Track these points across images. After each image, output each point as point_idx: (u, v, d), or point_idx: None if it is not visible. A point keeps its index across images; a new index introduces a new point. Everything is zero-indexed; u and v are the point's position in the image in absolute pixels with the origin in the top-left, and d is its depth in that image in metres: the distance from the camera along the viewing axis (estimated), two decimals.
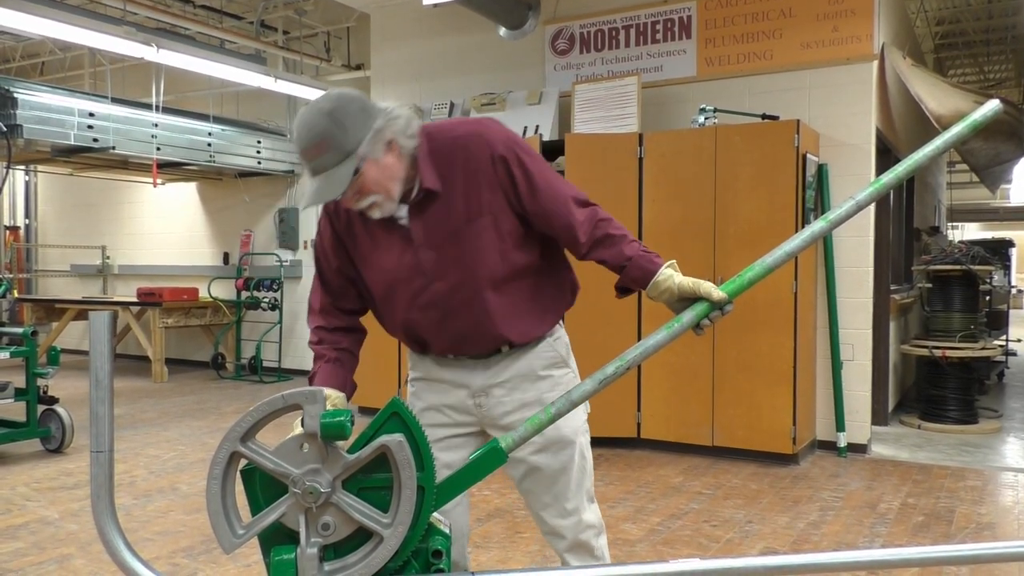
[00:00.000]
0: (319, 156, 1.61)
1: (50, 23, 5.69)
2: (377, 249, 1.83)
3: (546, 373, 1.93)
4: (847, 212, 1.71)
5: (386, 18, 7.03)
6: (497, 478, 4.38)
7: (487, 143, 1.75)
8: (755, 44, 5.42)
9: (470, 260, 1.78)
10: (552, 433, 1.86)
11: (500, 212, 1.78)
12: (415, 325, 1.88)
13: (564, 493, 1.93)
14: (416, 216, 1.78)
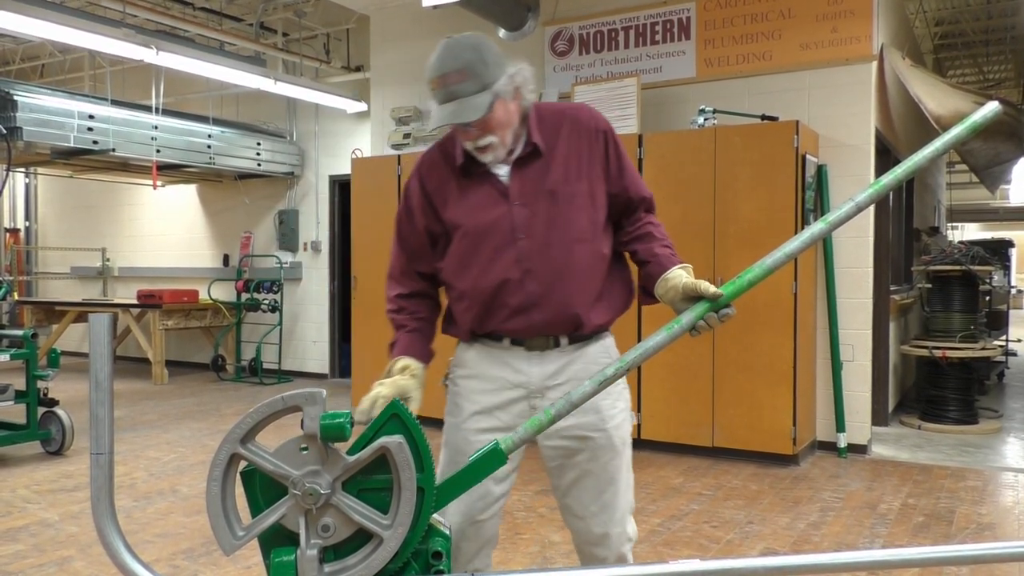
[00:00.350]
0: (459, 82, 1.70)
1: (50, 26, 5.69)
2: (469, 204, 1.86)
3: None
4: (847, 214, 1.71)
5: (386, 20, 7.03)
6: None
7: (593, 117, 1.89)
8: (754, 45, 5.42)
9: (562, 221, 1.83)
10: (604, 441, 1.90)
11: (596, 180, 1.87)
12: (491, 284, 1.85)
13: (613, 502, 1.92)
14: (516, 173, 1.85)
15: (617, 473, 1.92)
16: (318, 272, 8.72)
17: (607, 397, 1.89)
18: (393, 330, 1.96)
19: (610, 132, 1.91)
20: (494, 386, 1.91)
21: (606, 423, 1.90)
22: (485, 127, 1.76)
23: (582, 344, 1.91)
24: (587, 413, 1.87)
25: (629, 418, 1.98)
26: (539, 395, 1.89)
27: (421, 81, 6.91)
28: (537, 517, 3.92)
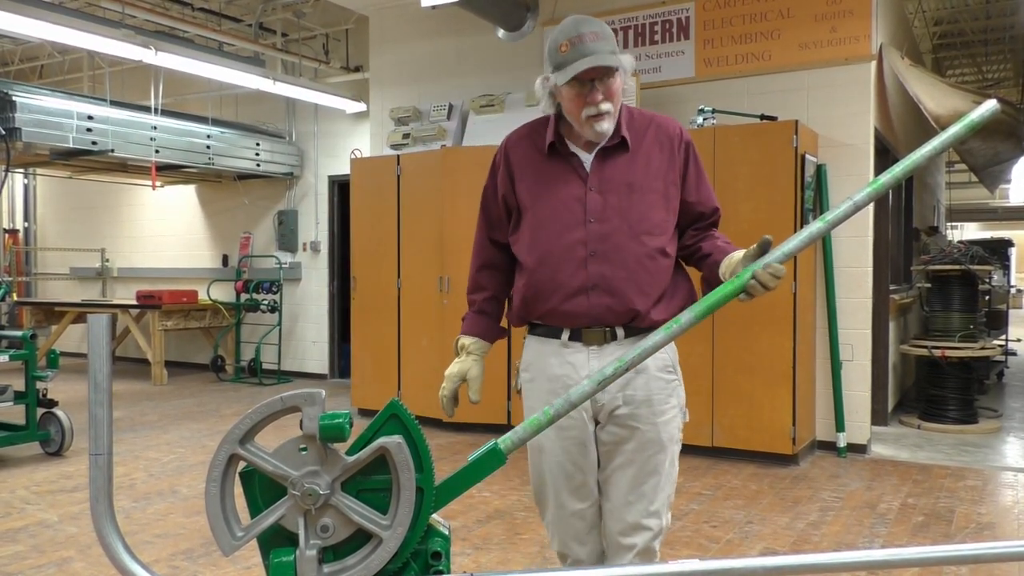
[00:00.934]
0: (597, 41, 1.83)
1: (49, 26, 5.69)
2: (547, 183, 1.97)
3: (659, 375, 1.98)
4: (845, 213, 1.71)
5: (385, 20, 7.03)
6: (497, 479, 4.39)
7: (678, 127, 2.03)
8: (753, 45, 5.42)
9: (634, 213, 1.92)
10: (652, 435, 1.95)
11: (672, 185, 1.98)
12: (556, 261, 1.94)
13: (650, 494, 1.97)
14: (598, 162, 1.95)
15: (660, 467, 1.97)
16: (317, 272, 8.72)
17: (660, 392, 1.97)
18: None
19: (691, 144, 2.03)
20: (557, 386, 1.99)
21: (656, 417, 1.96)
22: (607, 92, 1.87)
23: (639, 339, 1.94)
24: (640, 404, 1.95)
25: (680, 415, 2.03)
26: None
27: (420, 81, 6.92)
28: (537, 517, 3.91)
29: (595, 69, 1.83)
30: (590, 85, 1.85)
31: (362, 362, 6.41)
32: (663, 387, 1.98)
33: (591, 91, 1.86)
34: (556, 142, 1.96)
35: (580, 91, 1.86)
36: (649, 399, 1.96)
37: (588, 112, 1.87)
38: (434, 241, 5.94)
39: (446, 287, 5.84)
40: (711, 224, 2.05)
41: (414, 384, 6.08)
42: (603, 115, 1.88)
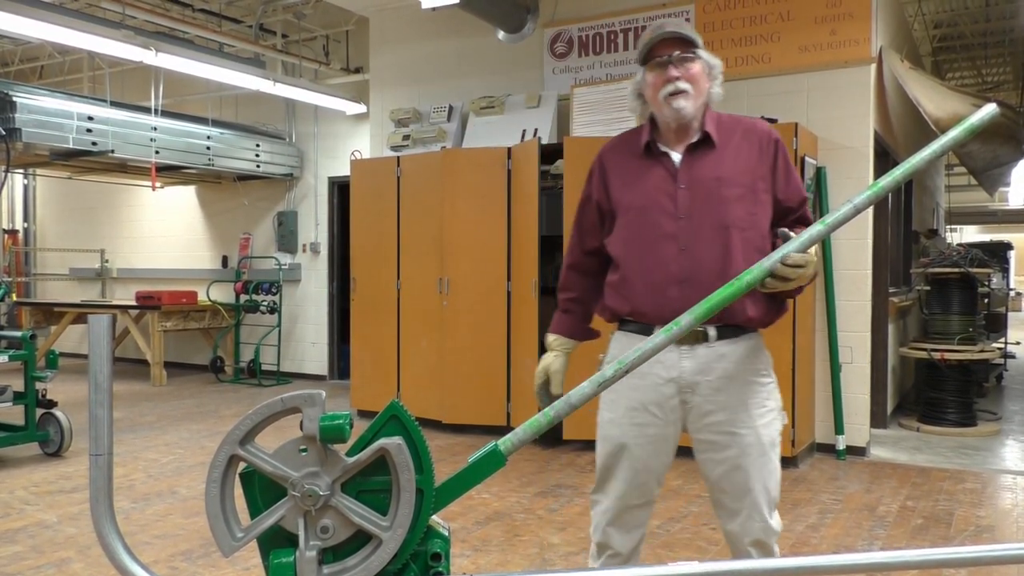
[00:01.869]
0: (676, 27, 1.98)
1: (49, 27, 5.69)
2: (640, 182, 2.05)
3: (753, 379, 2.00)
4: (845, 216, 1.71)
5: (385, 21, 7.04)
6: (497, 481, 4.39)
7: (767, 127, 2.08)
8: (753, 47, 5.43)
9: (722, 208, 1.97)
10: (752, 439, 1.97)
11: (761, 181, 2.01)
12: (647, 257, 2.01)
13: (760, 500, 1.99)
14: (686, 159, 2.02)
15: (763, 470, 1.99)
16: (317, 274, 8.71)
17: (757, 395, 2.00)
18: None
19: (782, 145, 2.07)
20: (646, 382, 2.01)
21: (755, 421, 1.98)
22: (687, 74, 1.96)
23: (732, 341, 1.98)
24: (736, 410, 1.97)
25: (779, 417, 2.05)
26: (689, 390, 1.99)
27: (420, 82, 6.93)
28: (536, 519, 3.91)
29: (670, 44, 1.96)
30: (668, 64, 1.96)
31: (362, 363, 6.41)
32: (758, 391, 2.00)
33: (668, 68, 1.96)
34: (650, 142, 2.05)
35: (659, 72, 1.98)
36: (745, 404, 1.98)
37: (666, 91, 1.97)
38: (434, 243, 5.94)
39: (445, 289, 5.84)
40: (799, 219, 2.05)
41: (414, 385, 6.08)
42: (679, 93, 1.95)
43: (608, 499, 2.11)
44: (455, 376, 5.80)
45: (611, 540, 2.12)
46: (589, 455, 5.14)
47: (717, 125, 2.06)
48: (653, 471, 2.06)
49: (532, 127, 5.87)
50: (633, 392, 2.03)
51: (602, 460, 2.12)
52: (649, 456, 2.05)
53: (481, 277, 5.73)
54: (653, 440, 2.04)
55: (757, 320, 2.01)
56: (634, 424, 2.04)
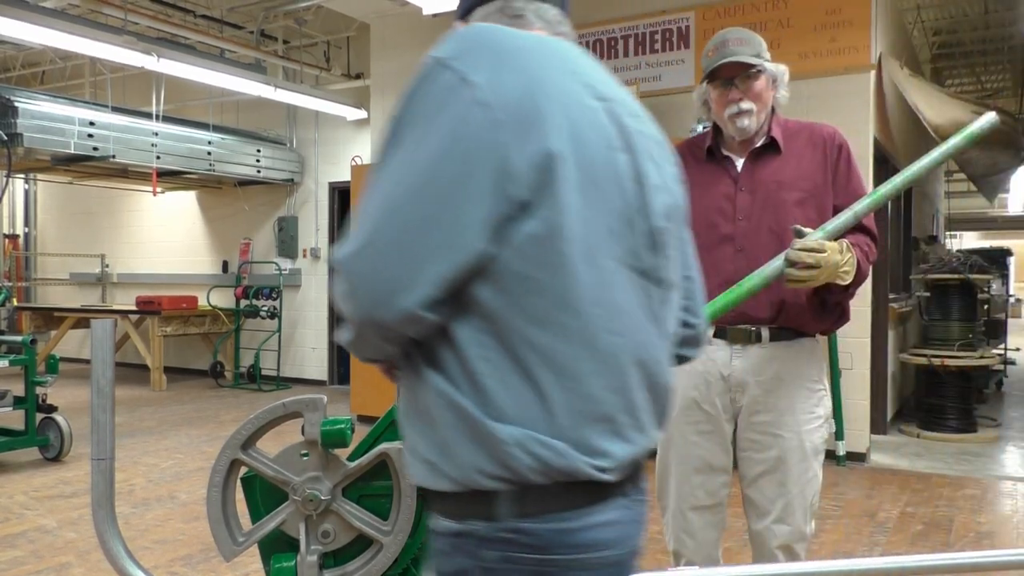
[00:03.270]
0: (739, 46, 1.99)
1: (51, 32, 5.70)
2: (703, 186, 2.04)
3: (804, 384, 2.01)
4: (845, 223, 1.72)
5: (386, 27, 7.05)
6: None
7: (833, 131, 2.09)
8: None
9: (781, 211, 1.98)
10: (795, 443, 1.98)
11: (823, 186, 2.02)
12: (706, 257, 1.99)
13: (794, 504, 1.99)
14: (749, 163, 2.05)
15: (803, 475, 1.99)
16: (317, 279, 8.72)
17: (806, 401, 2.00)
18: None
19: (845, 147, 2.06)
20: (696, 380, 2.03)
21: (800, 426, 1.99)
22: (748, 92, 1.99)
23: (785, 343, 1.99)
24: (783, 412, 1.98)
25: (826, 426, 2.05)
26: (739, 389, 2.00)
27: None
28: None
29: (733, 67, 1.98)
30: (731, 84, 1.99)
31: (361, 369, 6.40)
32: (807, 396, 2.01)
33: (731, 90, 2.00)
34: (713, 147, 2.09)
35: (723, 91, 2.02)
36: (792, 407, 1.98)
37: (729, 111, 2.01)
38: None
39: None
40: (859, 228, 1.99)
41: None
42: (742, 113, 1.99)
43: (671, 501, 2.13)
44: None
45: (683, 547, 2.12)
46: None
47: (784, 130, 2.08)
48: (713, 469, 2.07)
49: None
50: (686, 391, 2.04)
51: (659, 462, 2.15)
52: (704, 453, 2.07)
53: None
54: (707, 438, 2.06)
55: (812, 324, 2.01)
56: (688, 422, 2.06)
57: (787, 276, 1.76)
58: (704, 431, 2.05)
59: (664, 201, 1.07)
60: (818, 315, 2.02)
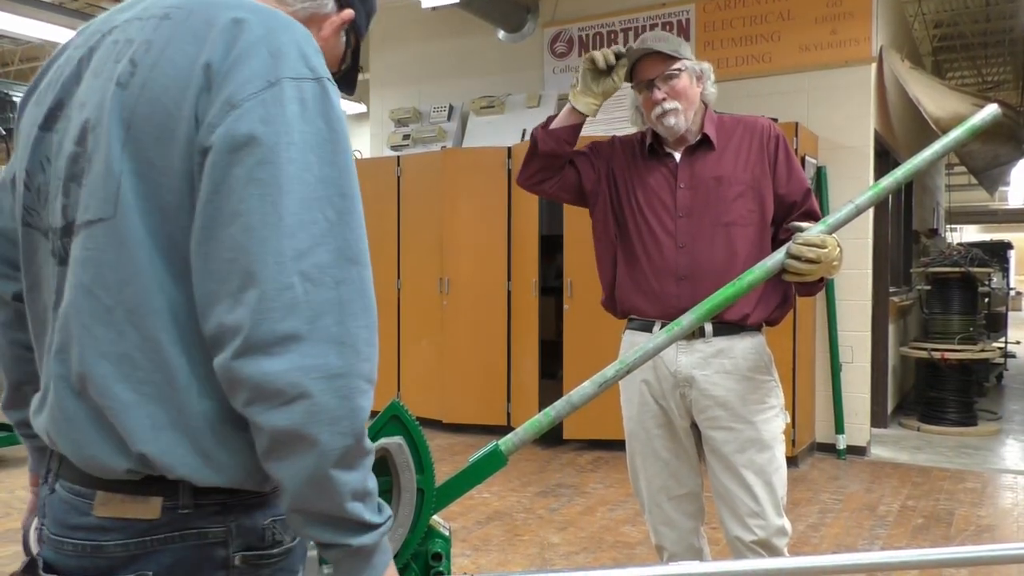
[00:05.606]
0: (657, 42, 2.00)
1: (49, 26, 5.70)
2: (641, 177, 2.10)
3: (752, 375, 2.01)
4: (846, 216, 1.72)
5: (386, 20, 7.03)
6: (498, 480, 4.38)
7: (768, 124, 2.11)
8: (754, 47, 5.43)
9: (721, 206, 2.01)
10: (751, 433, 1.99)
11: (762, 177, 2.04)
12: (650, 255, 2.04)
13: (762, 495, 1.99)
14: (686, 159, 2.07)
15: (767, 467, 2.00)
16: None
17: (755, 392, 2.01)
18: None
19: (782, 137, 2.09)
20: (651, 376, 2.05)
21: (752, 416, 2.00)
22: (671, 91, 1.99)
23: (729, 337, 2.00)
24: (733, 406, 2.00)
25: (781, 415, 2.07)
26: (687, 384, 2.01)
27: (420, 82, 6.89)
28: (536, 519, 3.91)
29: (652, 67, 1.99)
30: (653, 86, 2.00)
31: None
32: (757, 387, 2.02)
33: (654, 91, 2.00)
34: (653, 142, 2.10)
35: (647, 94, 2.02)
36: (743, 399, 2.00)
37: (655, 112, 2.01)
38: (434, 242, 5.94)
39: (446, 288, 5.84)
40: (805, 213, 2.05)
41: (414, 385, 6.08)
42: (667, 112, 1.99)
43: (643, 494, 2.15)
44: (455, 376, 5.79)
45: (663, 540, 2.14)
46: (589, 455, 5.15)
47: (717, 127, 2.10)
48: (679, 459, 2.09)
49: (532, 126, 5.84)
50: (643, 386, 2.08)
51: (628, 456, 2.18)
52: (668, 444, 2.09)
53: (481, 277, 5.73)
54: (667, 430, 2.08)
55: (753, 318, 2.01)
56: (646, 416, 2.09)
57: (788, 269, 1.75)
58: (661, 423, 2.08)
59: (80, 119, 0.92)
60: (770, 306, 2.04)
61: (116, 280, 0.87)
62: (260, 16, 0.89)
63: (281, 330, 0.80)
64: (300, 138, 0.84)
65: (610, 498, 4.24)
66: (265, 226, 0.81)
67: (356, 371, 0.84)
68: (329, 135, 0.87)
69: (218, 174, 0.82)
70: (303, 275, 0.82)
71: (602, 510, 4.04)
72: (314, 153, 0.85)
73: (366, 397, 0.86)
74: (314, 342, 0.81)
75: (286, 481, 0.85)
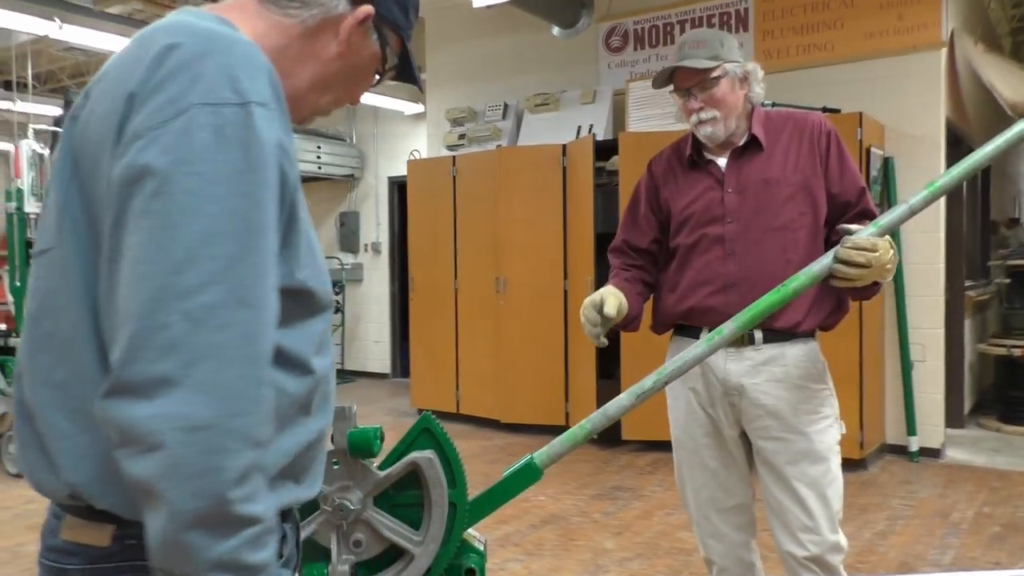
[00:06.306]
0: (694, 48, 1.93)
1: (117, 38, 5.88)
2: (688, 191, 2.03)
3: (804, 384, 1.93)
4: (899, 217, 1.63)
5: (441, 21, 7.05)
6: (553, 483, 4.34)
7: (818, 120, 2.01)
8: (815, 35, 5.24)
9: (770, 209, 1.92)
10: (803, 445, 1.91)
11: (814, 177, 1.95)
12: (697, 261, 1.98)
13: (816, 509, 1.91)
14: (733, 163, 1.99)
15: (820, 479, 1.91)
16: (379, 273, 8.81)
17: (808, 402, 1.93)
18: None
19: (834, 134, 1.99)
20: (698, 384, 1.99)
21: (805, 427, 1.92)
22: (709, 100, 1.92)
23: (780, 344, 1.92)
24: (785, 416, 1.92)
25: (837, 425, 1.97)
26: (736, 393, 1.94)
27: (475, 81, 6.89)
28: (591, 523, 3.86)
29: (687, 76, 1.93)
30: (688, 94, 1.95)
31: (420, 362, 6.45)
32: (810, 396, 1.93)
33: (690, 99, 1.94)
34: (693, 153, 2.03)
35: (684, 102, 1.97)
36: (795, 408, 1.92)
37: (691, 120, 1.97)
38: (490, 242, 5.93)
39: (502, 287, 5.83)
40: (860, 213, 1.94)
41: (472, 384, 6.08)
42: (703, 122, 1.94)
43: (691, 505, 2.09)
44: (512, 375, 5.78)
45: (712, 553, 2.08)
46: (649, 456, 5.06)
47: (765, 125, 2.00)
48: (727, 469, 2.02)
49: (587, 123, 5.80)
50: (691, 394, 2.02)
51: (675, 465, 2.13)
52: (711, 458, 2.02)
53: (537, 276, 5.69)
54: (713, 441, 2.02)
55: (805, 324, 1.92)
56: (693, 425, 2.03)
57: (836, 274, 1.66)
58: (710, 432, 2.02)
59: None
60: (822, 312, 1.94)
61: (55, 308, 0.88)
62: (196, 40, 0.84)
63: (152, 372, 0.75)
64: (209, 167, 0.79)
65: (668, 502, 4.16)
66: (149, 261, 0.77)
67: (226, 426, 0.77)
68: (246, 164, 0.81)
69: (117, 207, 0.80)
70: (186, 315, 0.76)
71: (659, 514, 3.96)
72: (224, 184, 0.79)
73: (237, 456, 0.77)
74: (186, 389, 0.75)
75: (148, 536, 0.79)
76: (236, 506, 0.78)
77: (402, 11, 1.08)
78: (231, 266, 0.79)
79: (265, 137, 0.84)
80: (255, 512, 0.80)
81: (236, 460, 0.78)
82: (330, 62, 1.03)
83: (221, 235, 0.79)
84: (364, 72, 1.10)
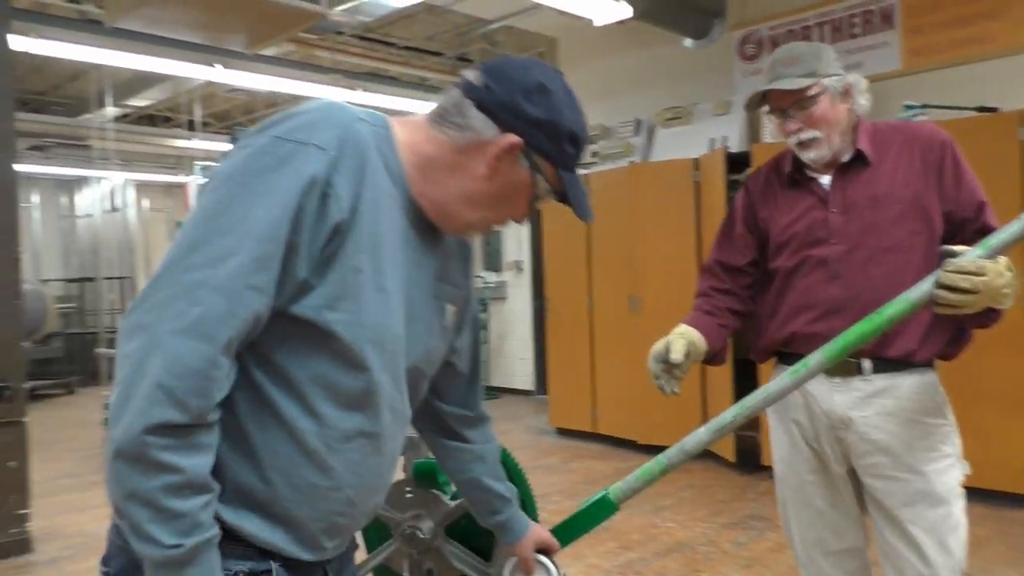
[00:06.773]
0: (788, 66, 1.79)
1: (272, 79, 6.36)
2: (788, 211, 1.90)
3: (921, 419, 1.79)
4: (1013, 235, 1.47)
5: (572, 39, 7.09)
6: (684, 508, 4.21)
7: (931, 131, 1.86)
8: (969, 29, 4.82)
9: (878, 229, 1.79)
10: (921, 485, 1.76)
11: (927, 192, 1.79)
12: (800, 285, 1.87)
13: (934, 558, 1.76)
14: (838, 180, 1.85)
15: (939, 524, 1.76)
16: (522, 291, 8.93)
17: (926, 439, 1.77)
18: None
19: (949, 145, 1.83)
20: (802, 416, 1.88)
21: (922, 465, 1.76)
22: (809, 120, 1.79)
23: (892, 375, 1.78)
24: (898, 453, 1.77)
25: (959, 465, 1.81)
26: (843, 427, 1.82)
27: (606, 99, 6.85)
28: (720, 553, 3.71)
29: (780, 97, 1.80)
30: (785, 115, 1.81)
31: (558, 381, 6.46)
32: (927, 432, 1.77)
33: (788, 120, 1.81)
34: (793, 170, 1.90)
35: (780, 122, 1.84)
36: (910, 445, 1.76)
37: (791, 141, 1.83)
38: (623, 260, 5.87)
39: (637, 306, 5.74)
40: (979, 230, 1.76)
41: (608, 403, 6.03)
42: (803, 144, 1.81)
43: (797, 548, 1.97)
44: (649, 395, 5.65)
45: None
46: None
47: (872, 138, 1.85)
48: (835, 510, 1.88)
49: (720, 135, 5.62)
50: (794, 427, 1.90)
51: (779, 502, 2.01)
52: (817, 497, 1.89)
53: (671, 294, 5.56)
54: (819, 478, 1.88)
55: (920, 353, 1.76)
56: (798, 460, 1.90)
57: (938, 300, 1.50)
58: (815, 468, 1.87)
59: None
60: (939, 340, 1.76)
61: None
62: (317, 106, 1.11)
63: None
64: (240, 177, 1.00)
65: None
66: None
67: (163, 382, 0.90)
68: (259, 180, 0.98)
69: None
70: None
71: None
72: (226, 186, 1.01)
73: (162, 409, 0.90)
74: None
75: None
76: (152, 450, 0.90)
77: (553, 143, 1.11)
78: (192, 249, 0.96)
79: (300, 169, 0.99)
80: (173, 462, 0.91)
81: (160, 412, 0.90)
82: (478, 180, 1.12)
83: (203, 223, 0.97)
84: (515, 196, 1.16)
